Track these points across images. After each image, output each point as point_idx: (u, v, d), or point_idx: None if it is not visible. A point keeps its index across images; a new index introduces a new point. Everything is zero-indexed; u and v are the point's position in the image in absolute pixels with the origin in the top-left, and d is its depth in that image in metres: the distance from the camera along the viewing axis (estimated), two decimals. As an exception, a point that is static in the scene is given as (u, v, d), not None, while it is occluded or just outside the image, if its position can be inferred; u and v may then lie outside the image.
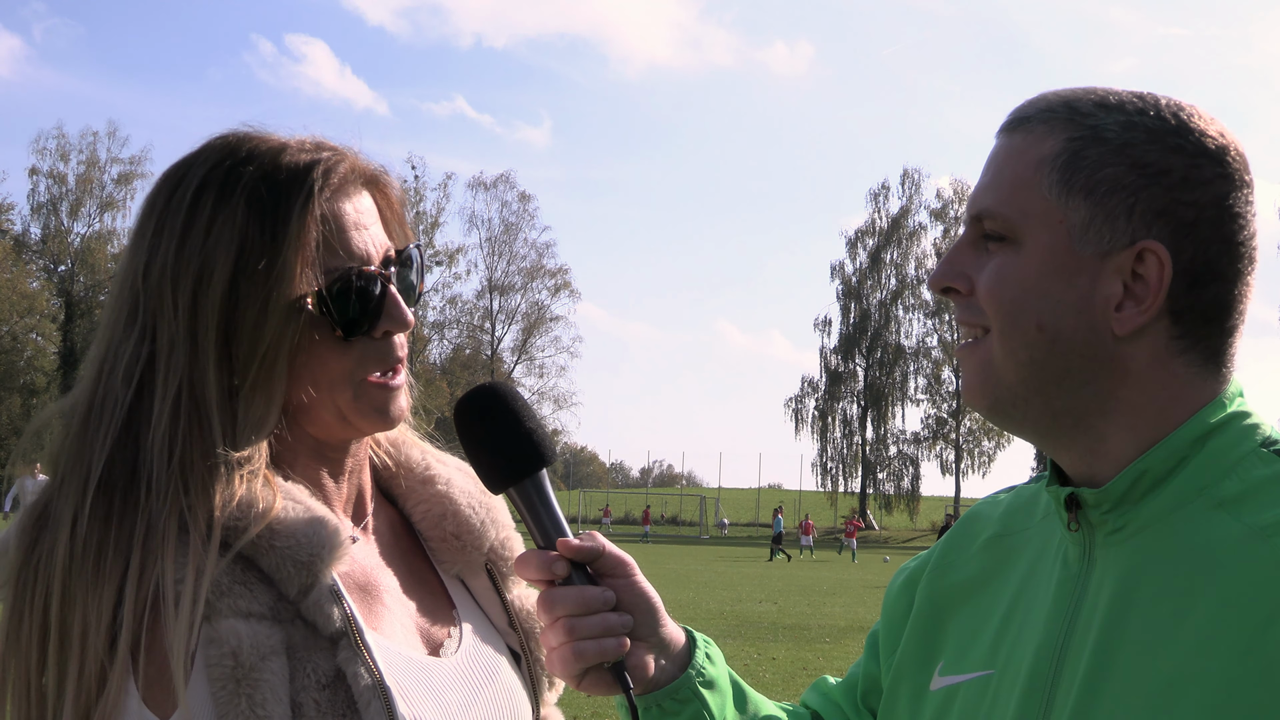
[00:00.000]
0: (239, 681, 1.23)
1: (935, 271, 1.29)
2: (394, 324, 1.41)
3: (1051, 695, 1.21)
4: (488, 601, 1.56)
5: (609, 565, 1.37)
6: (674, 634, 1.42)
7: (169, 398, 1.32)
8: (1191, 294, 1.20)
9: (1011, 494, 1.47)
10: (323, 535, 1.32)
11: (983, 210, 1.26)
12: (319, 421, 1.40)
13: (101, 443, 1.31)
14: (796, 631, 17.22)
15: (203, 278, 1.33)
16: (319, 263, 1.35)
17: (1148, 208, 1.19)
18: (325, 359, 1.37)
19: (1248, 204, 1.22)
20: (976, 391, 1.28)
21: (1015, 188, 1.24)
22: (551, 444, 1.38)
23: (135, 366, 1.34)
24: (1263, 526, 1.14)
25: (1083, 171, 1.21)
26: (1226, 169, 1.21)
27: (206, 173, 1.37)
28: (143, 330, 1.35)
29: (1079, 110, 1.23)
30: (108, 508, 1.28)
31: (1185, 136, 1.20)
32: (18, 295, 58.52)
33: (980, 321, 1.26)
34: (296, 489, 1.36)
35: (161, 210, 1.37)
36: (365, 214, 1.42)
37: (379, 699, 1.29)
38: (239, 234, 1.33)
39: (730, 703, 1.45)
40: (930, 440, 71.79)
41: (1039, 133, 1.24)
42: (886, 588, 1.55)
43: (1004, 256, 1.24)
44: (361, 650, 1.31)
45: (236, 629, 1.25)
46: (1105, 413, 1.22)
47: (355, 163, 1.43)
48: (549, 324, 69.33)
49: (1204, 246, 1.19)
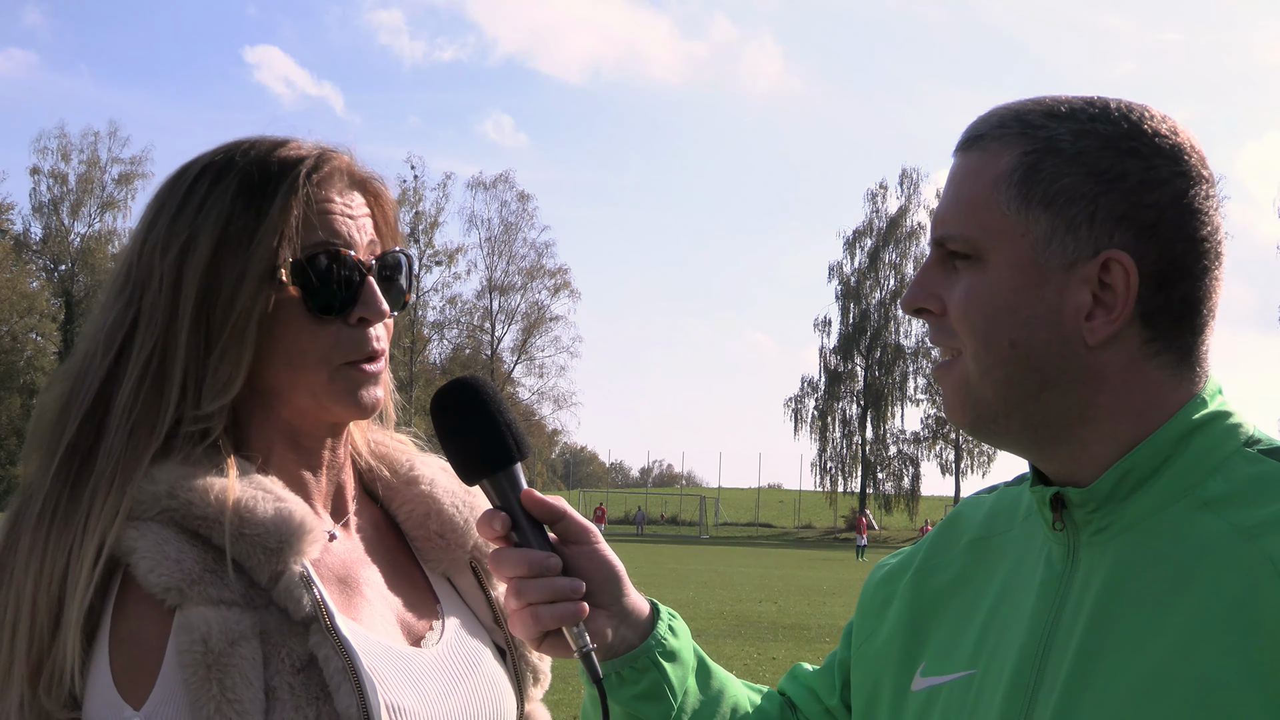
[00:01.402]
0: (209, 667, 1.25)
1: (906, 293, 1.30)
2: (369, 311, 1.43)
3: (1034, 695, 1.21)
4: (474, 599, 1.58)
5: (571, 532, 1.40)
6: (637, 604, 1.44)
7: (140, 359, 1.37)
8: (1160, 295, 1.20)
9: (994, 495, 1.48)
10: (292, 523, 1.35)
11: (944, 235, 1.26)
12: (293, 404, 1.43)
13: (79, 405, 1.37)
14: (796, 631, 17.24)
15: (188, 247, 1.39)
16: (299, 237, 1.40)
17: (1108, 214, 1.19)
18: (298, 336, 1.40)
19: (1208, 199, 1.21)
20: (957, 410, 1.29)
21: (974, 207, 1.24)
22: (526, 439, 1.41)
23: (118, 331, 1.40)
24: (1248, 526, 1.14)
25: (1040, 184, 1.20)
26: (1183, 166, 1.20)
27: (209, 161, 1.44)
28: (130, 298, 1.41)
29: (1030, 123, 1.23)
30: (68, 471, 1.33)
31: (1139, 139, 1.20)
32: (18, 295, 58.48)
33: (953, 343, 1.27)
34: (269, 480, 1.39)
35: (164, 195, 1.45)
36: (355, 208, 1.46)
37: (349, 681, 1.31)
38: (226, 209, 1.39)
39: (692, 676, 1.46)
40: (930, 440, 71.73)
41: (993, 150, 1.24)
42: (864, 582, 1.55)
43: (972, 275, 1.24)
44: (331, 634, 1.33)
45: (206, 616, 1.27)
46: (1085, 420, 1.23)
47: (350, 163, 1.48)
48: (549, 324, 69.35)
49: (1168, 246, 1.19)
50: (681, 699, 1.44)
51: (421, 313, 65.34)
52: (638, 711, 1.42)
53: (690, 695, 1.45)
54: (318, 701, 1.30)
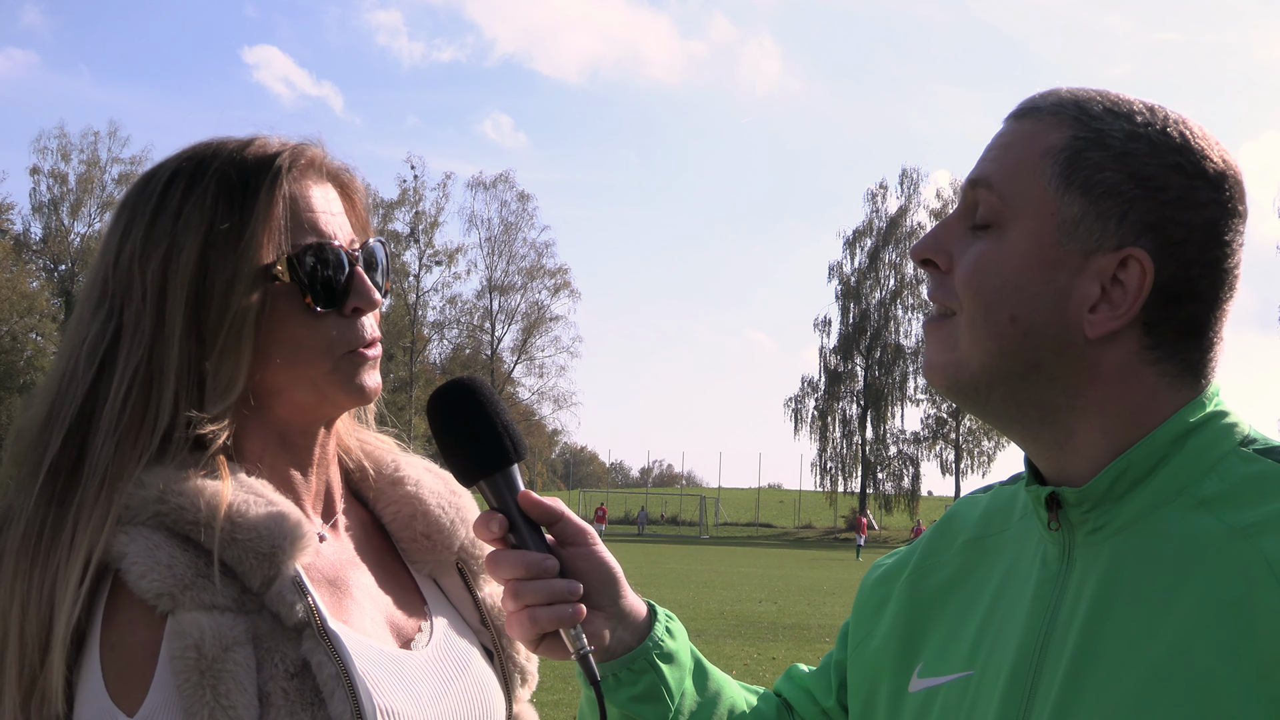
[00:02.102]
0: (203, 673, 1.24)
1: (919, 241, 1.30)
2: (362, 301, 1.44)
3: (1032, 695, 1.21)
4: (460, 600, 1.58)
5: (569, 533, 1.40)
6: (635, 605, 1.44)
7: (128, 373, 1.36)
8: (1167, 310, 1.20)
9: (990, 494, 1.48)
10: (284, 527, 1.34)
11: (982, 176, 1.26)
12: (292, 401, 1.43)
13: (60, 425, 1.35)
14: (796, 631, 17.23)
15: (171, 254, 1.37)
16: (287, 235, 1.39)
17: (1139, 218, 1.19)
18: (296, 332, 1.41)
19: (1236, 234, 1.22)
20: (938, 370, 1.28)
21: (1019, 168, 1.24)
22: (524, 440, 1.41)
23: (99, 347, 1.38)
24: (1244, 526, 1.14)
25: (1083, 170, 1.21)
26: (1222, 195, 1.21)
27: (177, 166, 1.43)
28: (109, 312, 1.39)
29: (1088, 111, 1.24)
30: (52, 490, 1.32)
31: (1187, 156, 1.21)
32: (18, 295, 58.46)
33: (951, 303, 1.27)
34: (260, 484, 1.39)
35: (133, 204, 1.43)
36: (331, 203, 1.47)
37: (343, 687, 1.30)
38: (208, 213, 1.38)
39: (689, 678, 1.46)
40: (930, 440, 71.75)
41: (1048, 123, 1.25)
42: (860, 582, 1.55)
43: (988, 244, 1.24)
44: (324, 639, 1.32)
45: (199, 621, 1.26)
46: (1073, 409, 1.23)
47: (321, 156, 1.48)
48: (549, 324, 69.34)
49: (1187, 267, 1.20)
50: (679, 700, 1.44)
51: (421, 313, 65.26)
52: (635, 713, 1.42)
53: (687, 697, 1.45)
54: (312, 707, 1.30)
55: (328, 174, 1.49)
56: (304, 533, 1.36)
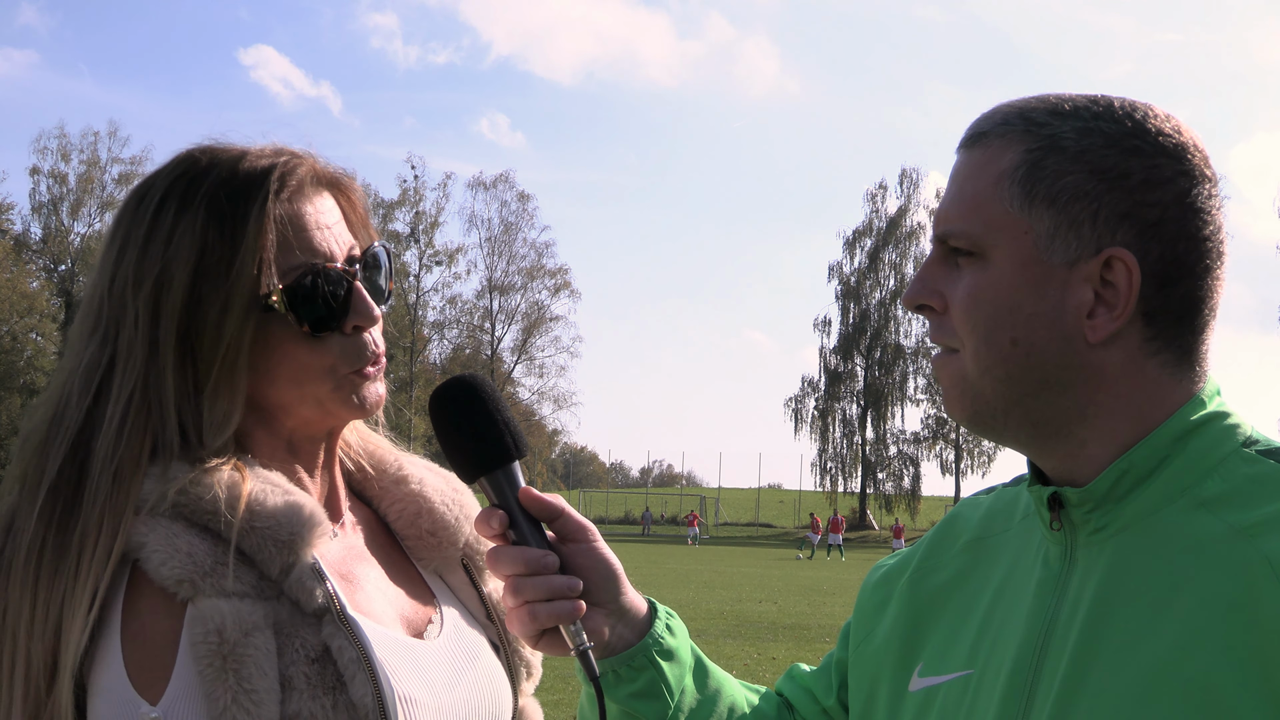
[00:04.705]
0: (225, 659, 1.25)
1: (908, 289, 1.30)
2: (362, 319, 1.44)
3: (1032, 695, 1.21)
4: (466, 595, 1.59)
5: (569, 530, 1.41)
6: (635, 602, 1.44)
7: (121, 400, 1.36)
8: (1162, 293, 1.20)
9: (992, 495, 1.48)
10: (302, 515, 1.36)
11: (947, 231, 1.27)
12: (298, 416, 1.44)
13: (58, 449, 1.35)
14: (796, 631, 17.24)
15: (163, 283, 1.37)
16: (279, 261, 1.38)
17: (1111, 212, 1.19)
18: (296, 355, 1.40)
19: (1210, 198, 1.22)
20: (955, 405, 1.29)
21: (977, 204, 1.24)
22: (524, 437, 1.42)
23: (95, 373, 1.38)
24: (1245, 526, 1.14)
25: (1043, 181, 1.21)
26: (1186, 165, 1.21)
27: (169, 185, 1.41)
28: (104, 338, 1.39)
29: (1034, 121, 1.23)
30: (52, 513, 1.32)
31: (1142, 137, 1.20)
32: (18, 295, 58.45)
33: (952, 343, 1.27)
34: (275, 475, 1.40)
35: (127, 224, 1.42)
36: (326, 214, 1.45)
37: (364, 671, 1.32)
38: (199, 239, 1.37)
39: (689, 675, 1.47)
40: (930, 440, 71.72)
41: (996, 147, 1.24)
42: (862, 583, 1.56)
43: (974, 273, 1.24)
44: (345, 624, 1.34)
45: (219, 607, 1.27)
46: (1084, 419, 1.23)
47: (314, 166, 1.47)
48: (549, 324, 69.32)
49: (1170, 245, 1.19)
50: (678, 698, 1.44)
51: (421, 313, 65.24)
52: (635, 710, 1.42)
53: (687, 694, 1.45)
54: (333, 691, 1.31)
55: (323, 181, 1.47)
56: (320, 521, 1.38)
